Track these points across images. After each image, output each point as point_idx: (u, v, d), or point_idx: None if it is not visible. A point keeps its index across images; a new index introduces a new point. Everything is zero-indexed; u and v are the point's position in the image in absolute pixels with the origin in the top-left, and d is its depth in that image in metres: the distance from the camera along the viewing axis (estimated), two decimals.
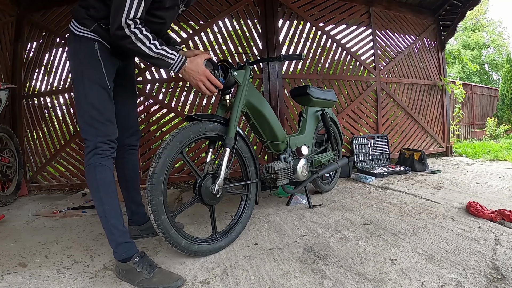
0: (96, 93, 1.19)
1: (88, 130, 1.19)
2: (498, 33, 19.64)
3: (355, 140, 3.47)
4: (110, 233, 1.16)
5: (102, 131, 1.20)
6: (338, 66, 3.56)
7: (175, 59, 1.20)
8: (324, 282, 1.08)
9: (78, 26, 1.18)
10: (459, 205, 1.92)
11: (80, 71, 1.19)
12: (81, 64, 1.19)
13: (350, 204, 2.09)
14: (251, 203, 1.60)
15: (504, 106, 8.74)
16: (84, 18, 1.17)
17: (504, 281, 1.02)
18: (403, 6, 3.94)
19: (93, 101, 1.19)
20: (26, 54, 3.10)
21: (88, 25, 1.17)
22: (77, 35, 1.18)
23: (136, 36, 1.11)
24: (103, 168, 1.18)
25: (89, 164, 1.18)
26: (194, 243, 1.30)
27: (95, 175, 1.17)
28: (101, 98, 1.20)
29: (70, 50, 1.23)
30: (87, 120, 1.19)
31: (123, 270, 1.14)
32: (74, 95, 1.27)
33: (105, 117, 1.21)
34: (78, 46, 1.19)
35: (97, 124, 1.19)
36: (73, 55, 1.21)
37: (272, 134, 1.74)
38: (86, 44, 1.18)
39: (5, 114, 2.93)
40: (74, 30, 1.19)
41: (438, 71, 4.26)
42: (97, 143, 1.19)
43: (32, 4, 3.06)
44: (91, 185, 1.18)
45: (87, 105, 1.19)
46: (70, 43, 1.23)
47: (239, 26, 3.17)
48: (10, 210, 2.32)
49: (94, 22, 1.17)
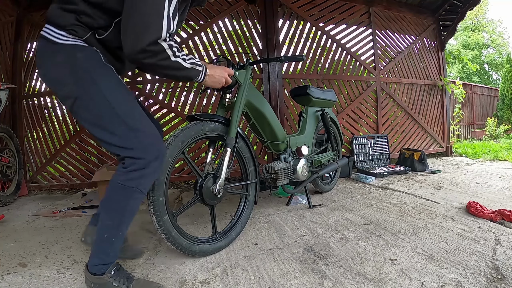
0: (127, 97, 1.04)
1: (138, 146, 1.01)
2: (498, 33, 19.63)
3: (355, 140, 3.47)
4: (104, 252, 1.03)
5: (159, 144, 1.05)
6: (338, 66, 3.56)
7: (202, 66, 1.14)
8: (324, 282, 1.09)
9: (64, 34, 0.97)
10: (459, 205, 1.92)
11: (88, 81, 0.99)
12: (87, 73, 0.99)
13: (350, 204, 2.09)
14: (250, 203, 1.60)
15: (504, 106, 8.74)
16: (73, 25, 0.97)
17: (504, 281, 1.02)
18: (403, 6, 3.94)
19: (125, 109, 1.02)
20: (26, 54, 3.10)
21: (80, 34, 0.98)
22: (64, 45, 0.98)
23: (171, 49, 1.00)
24: (141, 198, 1.04)
25: (130, 186, 1.01)
26: (195, 243, 1.30)
27: (130, 201, 1.03)
28: (132, 103, 1.04)
29: (60, 61, 0.99)
30: (132, 134, 1.01)
31: (97, 284, 1.01)
32: (85, 116, 1.02)
33: (150, 125, 1.07)
34: (72, 54, 0.98)
35: (145, 136, 1.03)
36: (71, 65, 0.98)
37: (272, 134, 1.74)
38: (84, 51, 0.99)
39: (5, 114, 2.92)
40: (57, 38, 0.98)
41: (438, 71, 4.26)
42: (154, 164, 1.03)
43: (32, 4, 3.06)
44: (117, 205, 1.03)
45: (117, 117, 1.00)
46: (52, 54, 0.99)
47: (239, 26, 3.17)
48: (10, 210, 2.32)
49: (88, 31, 0.99)
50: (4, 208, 2.36)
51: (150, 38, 0.95)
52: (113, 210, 1.03)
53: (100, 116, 1.00)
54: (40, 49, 1.02)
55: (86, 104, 1.00)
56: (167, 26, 0.97)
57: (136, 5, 0.94)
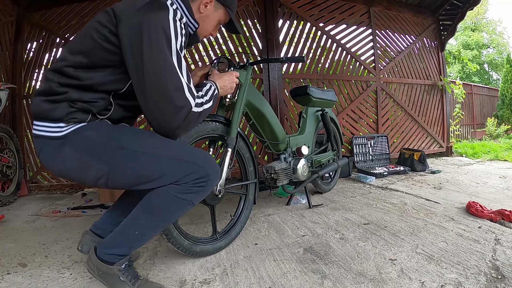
0: (157, 137, 1.00)
1: (198, 169, 1.01)
2: (498, 33, 19.64)
3: (355, 140, 3.47)
4: (128, 245, 1.02)
5: (213, 161, 1.07)
6: (338, 66, 3.56)
7: (214, 87, 1.15)
8: (324, 282, 1.08)
9: (63, 125, 0.90)
10: (459, 205, 1.92)
11: (113, 150, 0.93)
12: (105, 144, 0.93)
13: (350, 204, 2.09)
14: (250, 203, 1.60)
15: (504, 106, 8.74)
16: (70, 113, 0.90)
17: (504, 281, 1.02)
18: (403, 6, 3.94)
19: (167, 148, 0.99)
20: (26, 54, 3.09)
21: (81, 118, 0.91)
22: (67, 134, 0.90)
23: (199, 105, 0.99)
24: (190, 209, 1.06)
25: (185, 199, 1.00)
26: (195, 243, 1.30)
27: (179, 212, 1.04)
28: (162, 138, 1.01)
29: (70, 152, 0.91)
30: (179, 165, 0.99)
31: (102, 272, 1.00)
32: (128, 181, 0.97)
33: (195, 149, 1.09)
34: (80, 137, 0.91)
35: (201, 159, 1.03)
36: (85, 148, 0.91)
37: (272, 134, 1.74)
38: (91, 128, 0.93)
39: (5, 114, 2.92)
40: (56, 132, 0.90)
41: (438, 71, 4.26)
42: (213, 181, 1.04)
43: (32, 4, 3.05)
44: (164, 213, 1.01)
45: (167, 159, 0.98)
46: (58, 150, 0.91)
47: (239, 26, 3.17)
48: (10, 210, 2.32)
49: (88, 114, 0.93)
50: (4, 208, 2.36)
51: (182, 116, 0.93)
52: (157, 215, 1.01)
53: (147, 169, 0.95)
54: (42, 151, 0.94)
55: (123, 169, 0.95)
56: (191, 94, 0.96)
57: (155, 89, 0.90)
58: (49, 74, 0.93)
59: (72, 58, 0.93)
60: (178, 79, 0.93)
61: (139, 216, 1.01)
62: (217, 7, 1.15)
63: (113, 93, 0.97)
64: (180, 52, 0.95)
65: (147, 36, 0.89)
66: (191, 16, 1.08)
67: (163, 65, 0.90)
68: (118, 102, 0.99)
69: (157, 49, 0.89)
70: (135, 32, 0.90)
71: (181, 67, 0.94)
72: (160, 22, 0.91)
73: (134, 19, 0.91)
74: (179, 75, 0.93)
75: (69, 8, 3.02)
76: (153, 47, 0.89)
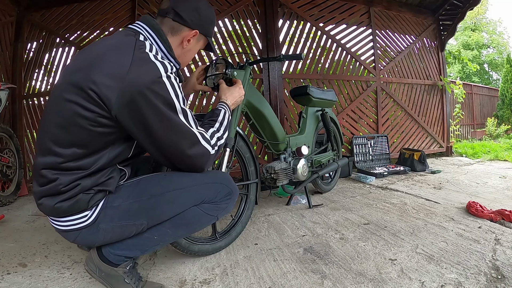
0: (173, 177, 1.04)
1: (223, 189, 1.09)
2: (498, 33, 19.64)
3: (355, 140, 3.48)
4: (141, 248, 1.02)
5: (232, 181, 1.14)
6: (338, 66, 3.56)
7: (227, 110, 1.20)
8: (324, 282, 1.08)
9: (88, 212, 0.90)
10: (459, 205, 1.92)
11: (141, 204, 0.96)
12: (134, 203, 0.95)
13: (350, 204, 2.09)
14: (251, 203, 1.60)
15: (504, 106, 8.74)
16: (91, 199, 0.89)
17: (504, 281, 1.02)
18: (403, 6, 3.94)
19: (180, 185, 1.02)
20: (26, 54, 3.09)
21: (103, 196, 0.92)
22: (97, 216, 0.91)
23: (216, 147, 1.04)
24: (213, 222, 1.17)
25: (212, 215, 1.08)
26: (194, 243, 1.30)
27: (204, 224, 1.12)
28: (179, 173, 1.05)
29: (105, 223, 0.92)
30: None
31: (105, 273, 0.97)
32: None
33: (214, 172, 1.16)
34: (111, 206, 0.93)
35: (222, 178, 1.11)
36: (118, 215, 0.94)
37: (272, 134, 1.74)
38: (116, 195, 0.94)
39: (5, 114, 2.92)
40: (87, 220, 0.90)
41: (438, 71, 4.26)
42: (235, 198, 1.14)
43: (32, 4, 3.05)
44: (189, 224, 1.05)
45: (192, 191, 1.03)
46: (90, 233, 0.92)
47: (239, 26, 3.17)
48: (10, 210, 2.32)
49: (106, 192, 0.93)
50: (4, 208, 2.36)
51: (204, 162, 1.00)
52: (183, 227, 1.05)
53: (180, 203, 1.00)
54: (78, 238, 0.93)
55: (160, 213, 0.99)
56: (205, 140, 0.99)
57: (174, 154, 0.95)
58: (47, 173, 0.85)
59: (65, 152, 0.84)
60: (192, 134, 0.95)
61: (164, 225, 1.01)
62: (199, 39, 1.11)
63: (121, 161, 0.97)
64: (184, 106, 0.93)
65: (149, 110, 0.85)
66: (170, 55, 1.01)
67: (176, 131, 0.91)
68: (127, 163, 1.01)
69: (165, 119, 0.88)
70: (134, 110, 0.85)
71: (188, 119, 0.94)
72: (156, 89, 0.86)
73: (125, 94, 0.82)
74: (191, 130, 0.94)
75: (69, 8, 3.02)
76: (161, 119, 0.88)
